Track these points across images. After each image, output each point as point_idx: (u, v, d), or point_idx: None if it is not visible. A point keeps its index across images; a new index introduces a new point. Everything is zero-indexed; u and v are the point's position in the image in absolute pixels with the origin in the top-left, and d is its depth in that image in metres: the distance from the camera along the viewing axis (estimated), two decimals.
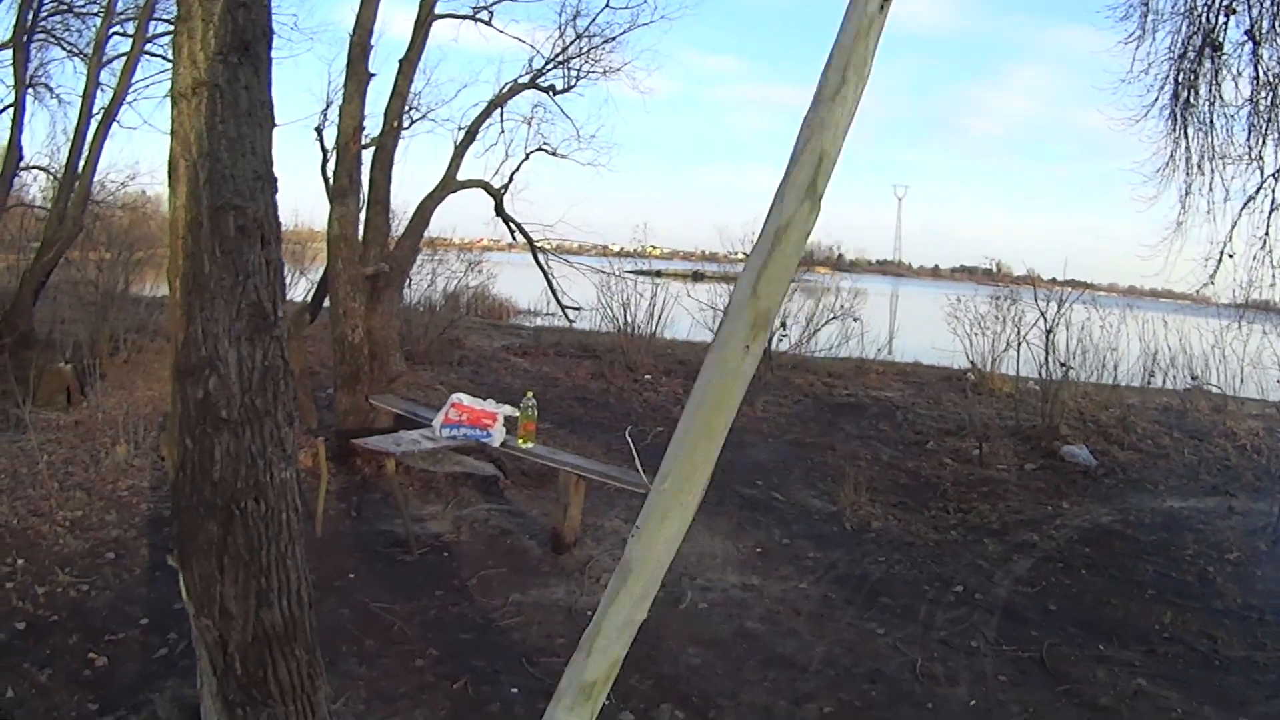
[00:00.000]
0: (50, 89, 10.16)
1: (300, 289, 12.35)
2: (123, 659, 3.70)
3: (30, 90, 9.26)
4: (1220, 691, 4.03)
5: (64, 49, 9.88)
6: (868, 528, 6.08)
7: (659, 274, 17.02)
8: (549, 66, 9.90)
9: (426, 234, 9.49)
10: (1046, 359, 9.69)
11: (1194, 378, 10.76)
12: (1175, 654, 4.41)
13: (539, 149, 10.32)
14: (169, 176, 2.24)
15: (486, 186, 9.50)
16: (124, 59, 8.89)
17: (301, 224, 15.00)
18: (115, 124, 8.83)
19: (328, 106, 9.51)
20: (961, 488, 7.11)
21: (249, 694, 2.27)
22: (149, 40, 9.07)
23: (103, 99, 8.78)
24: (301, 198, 16.14)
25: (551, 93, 10.07)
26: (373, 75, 6.94)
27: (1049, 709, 3.79)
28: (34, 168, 10.34)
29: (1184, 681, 4.10)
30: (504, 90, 9.70)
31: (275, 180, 2.33)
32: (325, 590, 4.36)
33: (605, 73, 10.25)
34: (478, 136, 9.30)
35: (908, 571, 5.36)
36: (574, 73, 10.03)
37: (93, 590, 4.28)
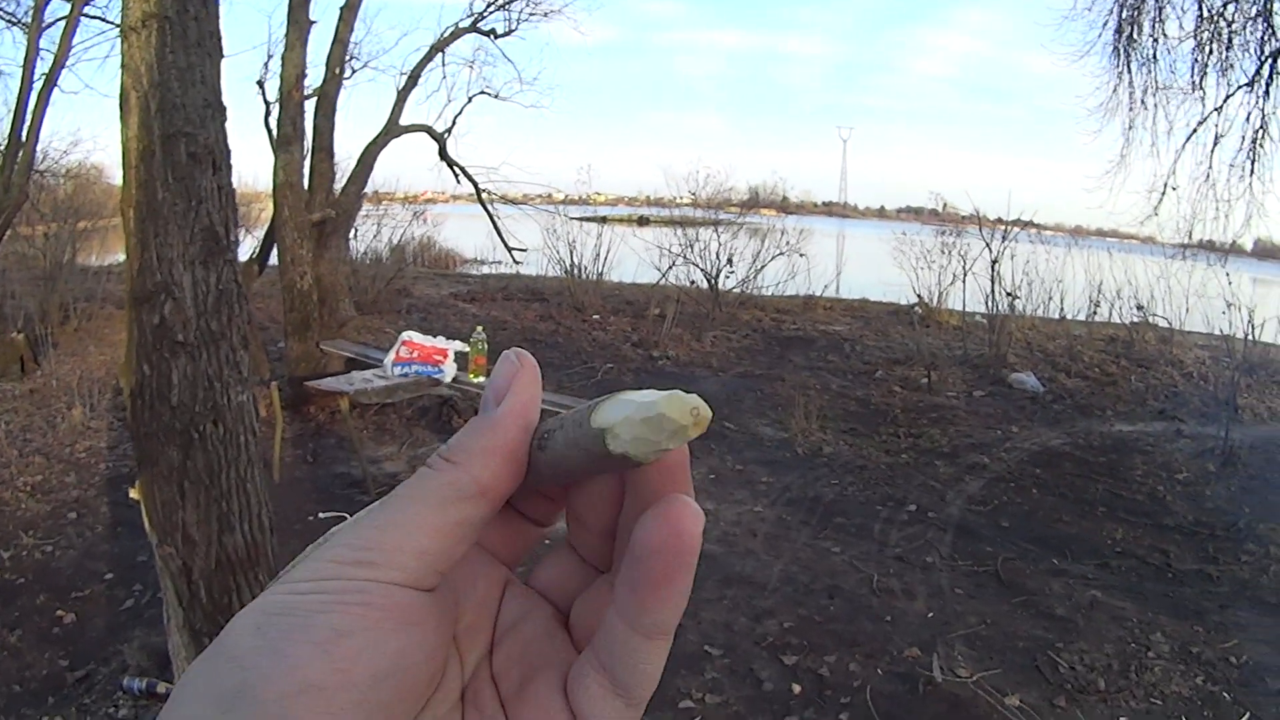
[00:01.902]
0: None
1: (246, 247, 12.05)
2: (91, 614, 3.75)
3: None
4: (1175, 602, 4.02)
5: (3, 19, 9.37)
6: (819, 453, 5.99)
7: (604, 220, 16.88)
8: (489, 10, 9.99)
9: (371, 187, 9.61)
10: (992, 290, 9.69)
11: (1140, 309, 10.82)
12: (1128, 568, 4.39)
13: (481, 92, 10.46)
14: (120, 109, 2.28)
15: (430, 130, 9.57)
16: (63, 23, 8.46)
17: (245, 184, 14.59)
18: (56, 89, 8.51)
19: (269, 60, 9.57)
20: (911, 414, 7.05)
21: (215, 622, 2.30)
22: (87, 3, 8.67)
23: (43, 66, 8.45)
24: (242, 159, 15.61)
25: (493, 36, 10.13)
26: (314, 23, 6.99)
27: (1006, 619, 3.72)
28: None
29: (1138, 593, 4.08)
30: (445, 34, 9.77)
31: (225, 109, 2.39)
32: (286, 534, 4.26)
33: (546, 15, 10.37)
34: (420, 81, 9.41)
35: (861, 493, 5.28)
36: (515, 16, 10.12)
37: (57, 550, 4.32)
